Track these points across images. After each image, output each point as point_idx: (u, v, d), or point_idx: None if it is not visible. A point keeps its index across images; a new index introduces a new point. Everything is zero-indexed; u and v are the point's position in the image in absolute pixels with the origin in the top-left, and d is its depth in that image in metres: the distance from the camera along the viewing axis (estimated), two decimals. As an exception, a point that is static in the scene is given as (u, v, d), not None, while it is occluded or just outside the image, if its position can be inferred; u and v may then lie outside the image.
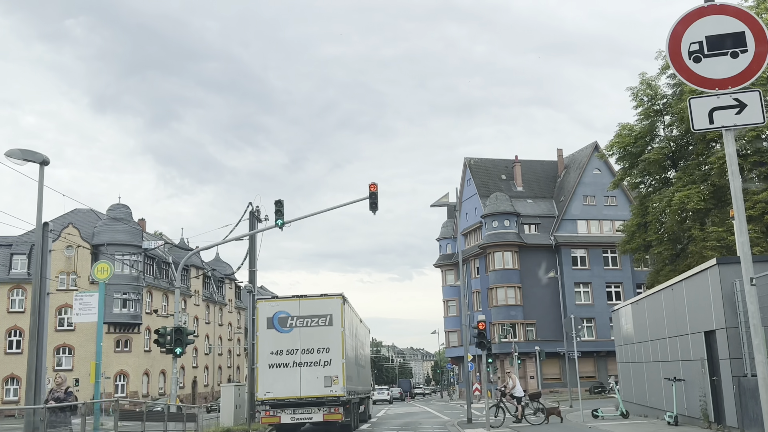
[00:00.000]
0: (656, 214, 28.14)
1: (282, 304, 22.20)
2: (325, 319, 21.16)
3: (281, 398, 20.51)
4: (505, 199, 64.25)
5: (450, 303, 72.72)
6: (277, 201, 23.12)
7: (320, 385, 20.43)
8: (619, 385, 22.86)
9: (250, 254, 27.17)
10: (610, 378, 63.00)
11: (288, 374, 20.71)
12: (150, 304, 57.03)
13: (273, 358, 21.09)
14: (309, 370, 20.64)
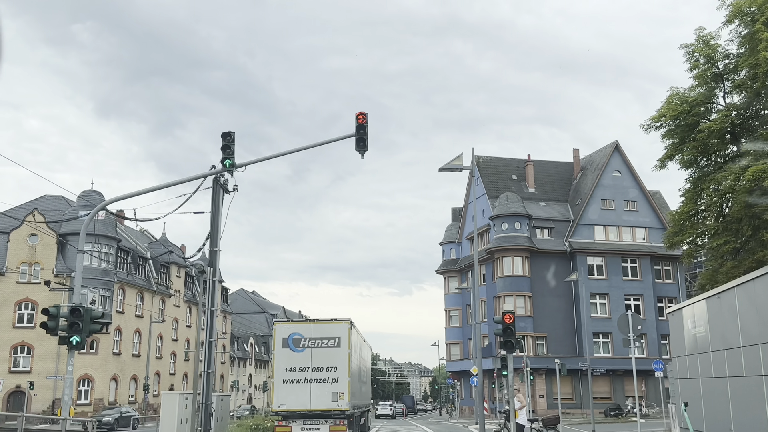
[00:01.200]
0: (716, 197, 22.69)
1: (296, 326, 24.36)
2: (334, 341, 23.31)
3: (293, 410, 22.62)
4: (516, 199, 58.86)
5: (452, 313, 67.14)
6: (224, 133, 17.89)
7: (328, 399, 22.64)
8: (686, 407, 17.27)
9: (211, 230, 21.79)
10: (627, 399, 57.56)
11: (300, 389, 22.75)
12: (122, 302, 51.59)
13: (287, 374, 23.10)
14: (318, 386, 22.77)
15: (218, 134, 19.12)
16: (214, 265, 21.63)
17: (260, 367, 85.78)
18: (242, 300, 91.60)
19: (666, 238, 25.60)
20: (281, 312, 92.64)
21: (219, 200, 22.02)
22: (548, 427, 16.46)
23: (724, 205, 23.41)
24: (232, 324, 77.40)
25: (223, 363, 71.64)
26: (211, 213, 21.99)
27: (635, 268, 58.74)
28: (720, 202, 23.32)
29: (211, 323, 21.08)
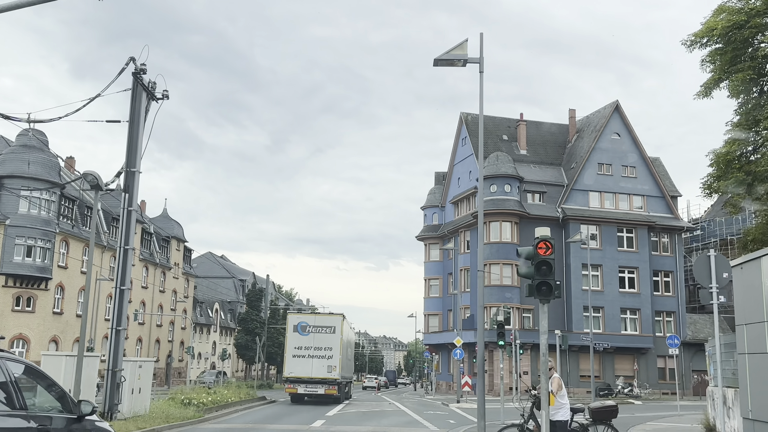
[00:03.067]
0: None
1: (303, 317, 35.81)
2: (330, 329, 33.54)
3: (299, 377, 32.82)
4: (507, 160, 53.95)
5: (432, 282, 62.46)
6: None
7: (324, 370, 32.81)
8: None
9: (129, 145, 16.59)
10: (618, 379, 53.47)
11: (304, 362, 32.92)
12: (65, 256, 46.11)
13: (295, 351, 33.16)
14: (318, 361, 32.92)
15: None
16: (132, 190, 16.46)
17: (226, 334, 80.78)
18: (209, 264, 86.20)
19: (705, 184, 20.85)
20: (251, 277, 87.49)
21: (140, 105, 16.76)
22: (599, 421, 11.51)
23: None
24: (195, 288, 72.16)
25: (183, 329, 66.55)
26: (129, 121, 16.75)
27: (631, 238, 54.36)
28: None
29: (124, 267, 15.96)
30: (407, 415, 28.27)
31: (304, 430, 19.70)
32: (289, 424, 21.08)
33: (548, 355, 10.29)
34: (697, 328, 55.47)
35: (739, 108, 20.09)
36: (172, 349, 62.86)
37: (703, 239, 60.47)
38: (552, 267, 9.62)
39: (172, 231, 64.40)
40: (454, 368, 55.72)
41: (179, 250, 65.69)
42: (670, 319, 54.60)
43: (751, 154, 20.01)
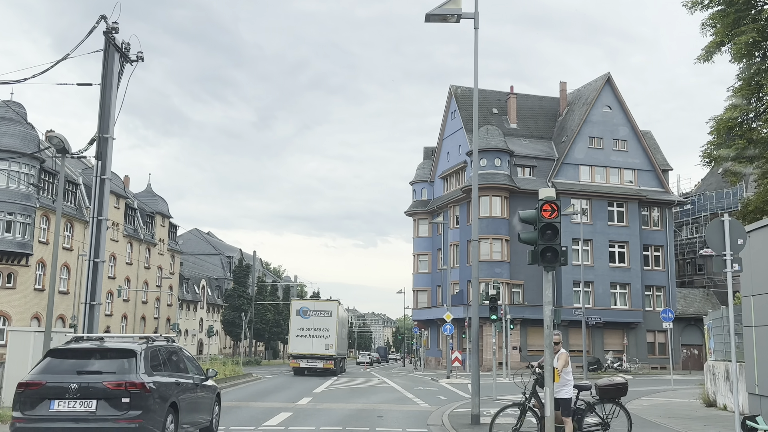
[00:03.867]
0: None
1: (305, 302, 42.68)
2: (328, 313, 39.94)
3: (302, 353, 38.89)
4: (497, 133, 53.14)
5: (421, 257, 61.87)
6: None
7: (322, 348, 38.84)
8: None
9: (101, 109, 15.63)
10: (607, 353, 53.32)
11: (306, 341, 39.01)
12: (46, 232, 45.02)
13: (298, 331, 39.40)
14: (317, 340, 39.02)
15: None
16: (105, 157, 15.52)
17: (213, 311, 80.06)
18: (195, 240, 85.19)
19: (704, 153, 20.14)
20: (238, 253, 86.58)
21: (112, 67, 15.79)
22: (608, 399, 10.80)
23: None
24: (182, 265, 71.23)
25: (170, 306, 65.74)
26: (101, 84, 15.77)
27: (622, 212, 53.90)
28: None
29: (98, 239, 15.09)
30: (397, 391, 27.73)
31: (290, 407, 19.05)
32: (275, 402, 20.43)
33: (551, 329, 9.55)
34: (686, 302, 55.33)
35: (741, 73, 19.35)
36: (158, 326, 62.08)
37: (693, 213, 60.19)
38: (558, 231, 8.86)
39: (157, 207, 63.31)
40: (442, 344, 55.35)
41: (164, 226, 64.64)
42: (660, 293, 54.39)
43: (753, 121, 19.32)
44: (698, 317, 51.45)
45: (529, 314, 49.60)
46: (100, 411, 9.31)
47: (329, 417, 16.40)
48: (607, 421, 10.82)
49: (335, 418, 16.24)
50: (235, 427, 13.90)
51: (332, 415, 16.81)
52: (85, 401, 9.34)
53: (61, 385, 9.37)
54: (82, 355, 10.12)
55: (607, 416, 10.86)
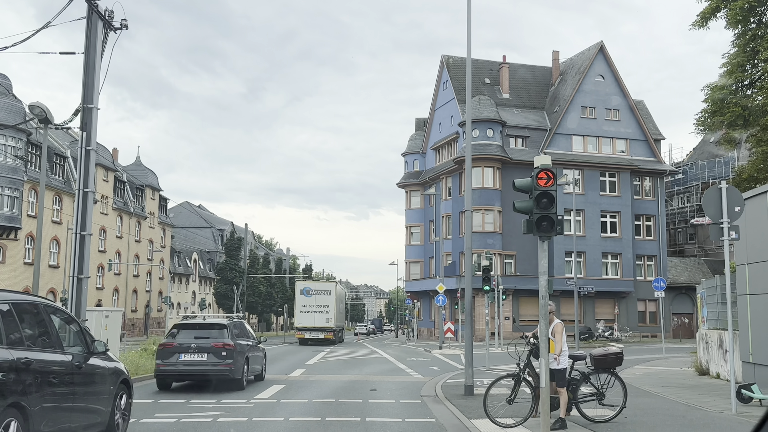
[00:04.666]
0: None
1: (307, 283, 48.62)
2: (327, 292, 46.15)
3: (305, 326, 45.06)
4: (490, 103, 52.73)
5: (414, 229, 61.78)
6: None
7: (323, 321, 44.96)
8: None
9: (85, 79, 15.22)
10: (598, 323, 53.61)
11: (309, 316, 45.12)
12: (34, 205, 44.55)
13: (302, 308, 45.50)
14: (318, 315, 45.07)
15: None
16: (90, 128, 15.14)
17: (205, 284, 79.95)
18: (186, 213, 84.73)
19: (699, 121, 19.90)
20: (230, 226, 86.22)
21: (96, 36, 15.33)
22: (603, 370, 10.68)
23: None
24: (173, 238, 70.90)
25: (161, 279, 65.54)
26: (85, 53, 15.32)
27: (614, 182, 53.82)
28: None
29: (84, 211, 14.78)
30: (389, 362, 27.74)
31: (283, 379, 18.97)
32: (267, 374, 20.35)
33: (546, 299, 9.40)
34: (677, 271, 55.57)
35: (737, 39, 19.05)
36: (150, 299, 61.95)
37: (684, 183, 60.20)
38: (554, 199, 8.64)
39: (146, 180, 62.78)
40: (435, 315, 55.51)
41: (154, 199, 64.18)
42: (651, 263, 54.57)
43: (747, 88, 19.08)
44: (689, 286, 51.72)
45: (521, 285, 49.71)
46: (209, 359, 15.58)
47: (322, 389, 16.32)
48: (602, 391, 10.74)
49: (328, 389, 16.16)
50: (227, 401, 13.79)
51: (325, 387, 16.73)
52: (200, 354, 15.62)
53: (185, 344, 15.75)
54: (195, 327, 16.78)
55: (602, 386, 10.78)
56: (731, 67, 18.79)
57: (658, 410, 12.23)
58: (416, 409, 12.80)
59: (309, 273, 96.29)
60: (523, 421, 10.18)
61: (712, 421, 10.86)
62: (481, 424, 10.48)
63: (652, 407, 12.60)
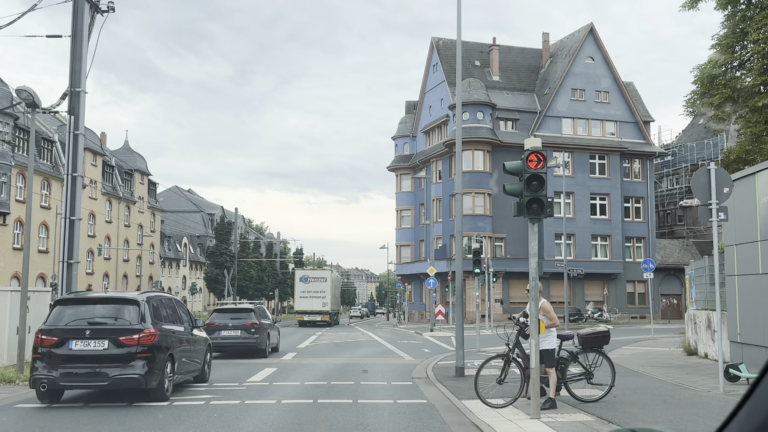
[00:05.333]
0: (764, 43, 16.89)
1: (306, 271, 53.40)
2: (323, 279, 50.37)
3: (305, 310, 49.21)
4: (480, 86, 52.64)
5: (404, 213, 61.83)
6: None
7: (320, 305, 49.12)
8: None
9: (72, 62, 15.08)
10: (587, 304, 54.01)
11: (307, 300, 49.19)
12: (22, 190, 44.24)
13: (302, 294, 49.60)
14: (316, 299, 49.12)
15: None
16: (78, 112, 15.05)
17: (195, 268, 79.83)
18: (176, 198, 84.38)
19: (688, 102, 19.96)
20: (220, 211, 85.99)
21: (82, 18, 15.20)
22: (590, 348, 10.77)
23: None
24: (163, 222, 70.65)
25: (151, 263, 65.40)
26: (72, 36, 15.19)
27: (603, 165, 53.98)
28: (767, 53, 17.60)
29: (73, 196, 14.71)
30: (381, 345, 27.88)
31: (275, 363, 19.05)
32: (259, 358, 20.42)
33: (536, 281, 9.46)
34: (666, 253, 55.96)
35: (726, 21, 19.06)
36: (141, 284, 61.85)
37: (674, 165, 60.46)
38: (544, 182, 8.67)
39: (135, 164, 62.42)
40: (426, 298, 55.74)
41: (143, 183, 63.86)
42: (640, 244, 54.92)
43: (737, 70, 19.13)
44: (678, 267, 52.12)
45: (511, 267, 49.93)
46: (242, 334, 20.74)
47: (314, 372, 16.40)
48: (591, 370, 10.85)
49: (320, 372, 16.24)
50: (219, 384, 13.83)
51: (317, 370, 16.81)
52: (235, 330, 20.77)
53: (224, 323, 20.93)
54: (230, 310, 22.38)
55: (590, 365, 10.89)
56: (721, 48, 18.82)
57: (646, 390, 12.37)
58: (408, 390, 12.89)
59: (300, 257, 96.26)
60: (513, 401, 10.28)
61: (700, 400, 11.00)
62: (472, 404, 10.57)
63: (641, 387, 12.75)
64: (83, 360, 10.41)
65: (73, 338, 10.48)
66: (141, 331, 10.57)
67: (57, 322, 10.77)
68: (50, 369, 10.42)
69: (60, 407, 10.85)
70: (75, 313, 10.87)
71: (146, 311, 10.94)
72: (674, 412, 9.96)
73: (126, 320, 10.69)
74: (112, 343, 10.46)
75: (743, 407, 1.15)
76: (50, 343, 10.54)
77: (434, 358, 20.24)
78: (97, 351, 10.42)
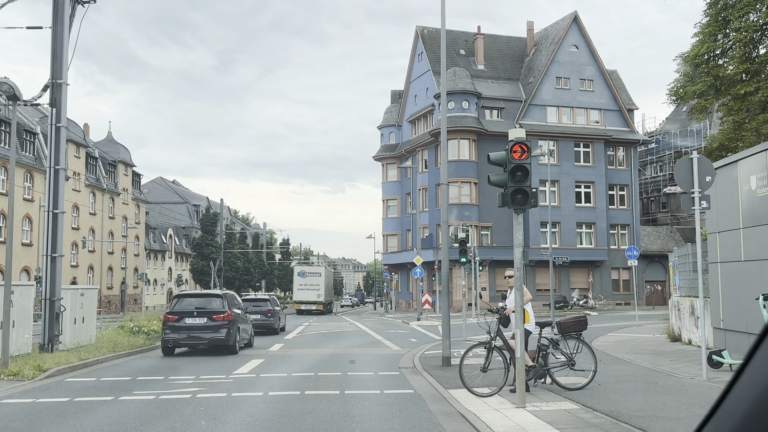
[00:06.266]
0: (746, 32, 17.00)
1: (303, 267, 59.30)
2: (318, 274, 56.44)
3: (302, 300, 55.36)
4: (465, 75, 52.60)
5: (390, 203, 61.83)
6: None
7: (315, 297, 55.13)
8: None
9: (53, 53, 14.90)
10: (573, 291, 54.41)
11: (304, 292, 55.34)
12: (4, 183, 43.80)
13: (299, 287, 55.74)
14: (311, 291, 55.28)
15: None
16: (59, 104, 14.90)
17: (181, 260, 79.50)
18: (160, 189, 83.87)
19: (672, 90, 20.06)
20: (205, 202, 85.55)
21: (63, 9, 15.01)
22: (568, 335, 10.88)
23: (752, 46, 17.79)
24: (147, 214, 70.24)
25: (137, 255, 65.05)
26: (53, 27, 15.01)
27: (588, 153, 54.25)
28: (748, 41, 17.72)
29: (56, 189, 14.58)
30: (368, 335, 27.94)
31: (262, 354, 19.04)
32: (246, 349, 20.39)
33: (521, 271, 9.51)
34: (650, 239, 56.41)
35: (708, 9, 19.14)
36: (126, 276, 61.53)
37: (657, 152, 60.86)
38: (528, 172, 8.71)
39: (119, 155, 61.94)
40: (413, 287, 55.86)
41: (127, 175, 63.40)
42: (625, 232, 55.31)
43: (719, 58, 19.24)
44: (662, 254, 52.58)
45: (497, 256, 50.17)
46: (261, 317, 26.61)
47: (301, 363, 16.41)
48: (572, 356, 10.96)
49: (307, 363, 16.26)
50: (206, 377, 13.81)
51: (304, 361, 16.83)
52: (258, 314, 26.37)
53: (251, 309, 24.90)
54: (252, 300, 28.65)
55: (571, 352, 11.00)
56: (703, 36, 18.92)
57: (631, 377, 12.50)
58: (395, 380, 12.94)
59: (286, 248, 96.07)
60: (498, 390, 10.38)
61: (684, 387, 11.13)
62: (459, 394, 10.64)
63: (625, 374, 12.87)
64: (192, 329, 18.13)
65: (186, 316, 18.29)
66: (225, 312, 18.47)
67: (176, 307, 18.65)
68: (173, 334, 18.16)
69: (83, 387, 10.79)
70: (188, 302, 18.92)
71: (226, 301, 19.03)
72: (658, 399, 10.07)
73: (216, 306, 18.64)
74: (209, 319, 18.28)
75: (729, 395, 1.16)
76: (173, 319, 18.20)
77: (421, 347, 20.32)
78: (200, 323, 18.22)
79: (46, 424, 9.09)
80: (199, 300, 18.90)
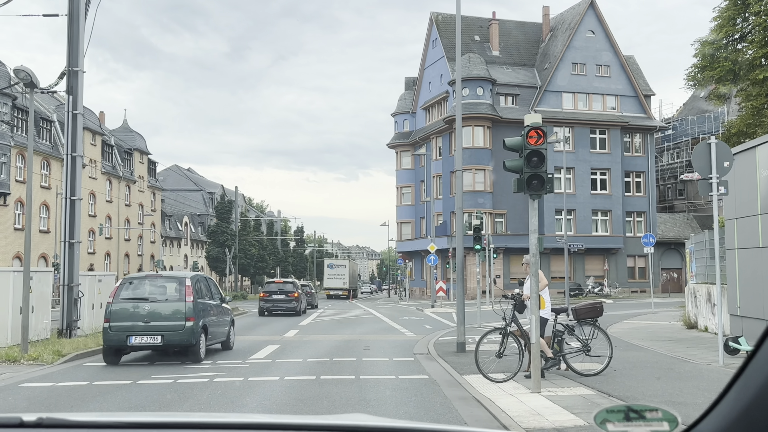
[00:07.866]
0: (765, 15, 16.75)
1: (332, 261, 73.33)
2: (344, 266, 69.34)
3: (331, 287, 67.63)
4: (479, 61, 52.28)
5: (404, 190, 61.80)
6: None
7: (341, 284, 67.69)
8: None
9: (69, 41, 14.99)
10: (588, 279, 54.23)
11: (333, 281, 68.07)
12: (22, 171, 44.20)
13: (329, 276, 68.31)
14: (338, 279, 68.01)
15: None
16: (76, 91, 14.98)
17: (197, 247, 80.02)
18: (176, 177, 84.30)
19: (690, 76, 19.85)
20: (220, 189, 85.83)
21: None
22: (583, 321, 10.86)
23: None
24: (163, 201, 70.67)
25: (153, 243, 65.53)
26: (68, 15, 15.07)
27: (604, 139, 53.84)
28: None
29: (73, 176, 14.70)
30: (382, 321, 28.03)
31: (277, 340, 19.17)
32: (261, 335, 20.56)
33: (537, 257, 9.50)
34: (667, 227, 56.03)
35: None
36: (142, 263, 62.03)
37: (674, 138, 60.30)
38: (545, 158, 8.66)
39: (134, 143, 62.28)
40: (427, 274, 55.91)
41: (143, 162, 63.76)
42: (641, 219, 54.96)
43: (738, 42, 18.99)
44: (678, 241, 52.21)
45: (512, 243, 50.03)
46: (284, 299, 31.91)
47: (316, 348, 16.51)
48: (588, 342, 10.95)
49: (322, 349, 16.35)
50: (222, 362, 13.94)
51: (319, 347, 16.92)
52: (282, 295, 32.10)
53: (274, 291, 32.40)
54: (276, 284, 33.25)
55: (587, 338, 10.98)
56: (722, 20, 18.67)
57: (646, 363, 12.46)
58: (409, 366, 12.99)
59: (301, 235, 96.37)
60: (513, 375, 10.40)
61: (700, 373, 11.09)
62: (473, 379, 10.66)
63: (641, 360, 12.84)
64: (276, 302, 31.65)
65: (273, 294, 32.65)
66: (296, 292, 32.14)
67: (266, 288, 33.44)
68: (266, 304, 32.30)
69: (68, 386, 10.95)
70: (274, 286, 32.81)
71: (297, 286, 30.80)
72: (674, 384, 10.04)
73: (290, 288, 32.75)
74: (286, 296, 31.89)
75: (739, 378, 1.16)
76: (266, 296, 32.61)
77: (435, 334, 20.36)
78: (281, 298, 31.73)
79: (66, 407, 9.22)
80: (278, 285, 32.70)
